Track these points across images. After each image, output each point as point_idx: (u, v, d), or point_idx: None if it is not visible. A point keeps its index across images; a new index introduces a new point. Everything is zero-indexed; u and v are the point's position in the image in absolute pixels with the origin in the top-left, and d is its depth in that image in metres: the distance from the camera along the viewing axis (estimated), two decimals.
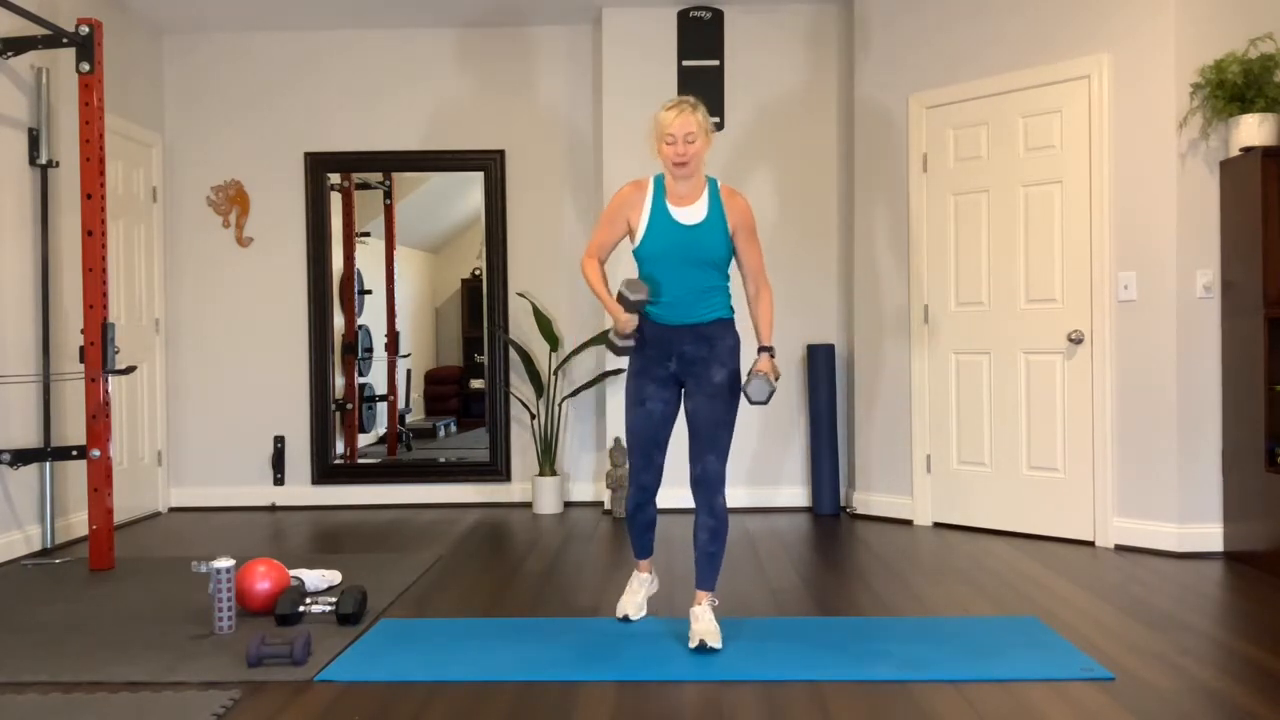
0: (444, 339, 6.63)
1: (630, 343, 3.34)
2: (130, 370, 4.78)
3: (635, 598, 3.60)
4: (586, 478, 6.30)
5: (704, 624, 3.25)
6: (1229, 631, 3.41)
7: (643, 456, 3.43)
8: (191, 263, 6.36)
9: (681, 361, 3.36)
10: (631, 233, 3.39)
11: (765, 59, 6.00)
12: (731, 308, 3.41)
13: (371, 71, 6.33)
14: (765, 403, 3.30)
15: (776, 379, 3.34)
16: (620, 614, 3.58)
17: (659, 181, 3.37)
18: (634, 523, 3.55)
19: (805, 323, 6.00)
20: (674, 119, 3.23)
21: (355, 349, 6.48)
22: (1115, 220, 4.75)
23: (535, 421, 6.15)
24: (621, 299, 3.25)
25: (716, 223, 3.31)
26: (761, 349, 3.37)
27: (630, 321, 3.29)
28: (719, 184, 3.38)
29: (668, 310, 3.34)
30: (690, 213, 3.31)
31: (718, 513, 3.30)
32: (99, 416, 4.55)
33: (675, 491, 5.51)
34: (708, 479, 3.28)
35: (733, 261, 3.40)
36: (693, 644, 3.20)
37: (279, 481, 6.33)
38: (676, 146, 3.23)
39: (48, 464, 4.98)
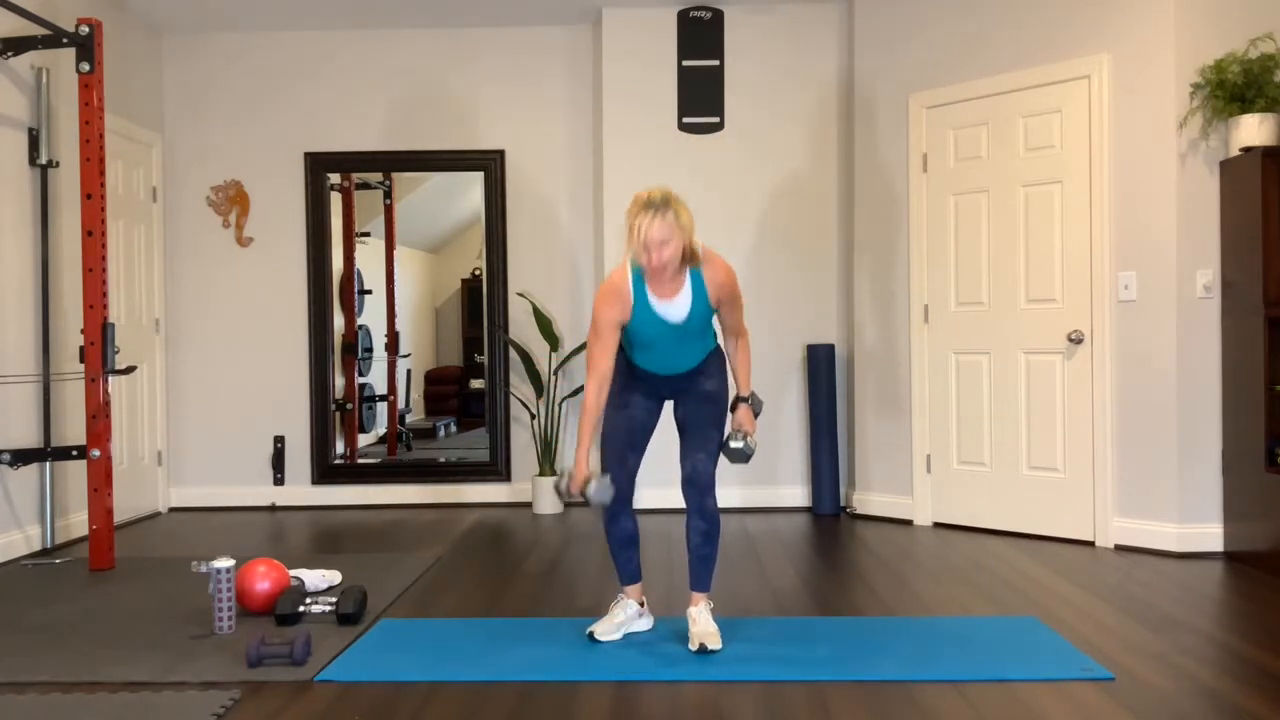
0: (444, 339, 6.63)
1: (578, 499, 3.24)
2: (130, 370, 4.78)
3: (613, 620, 3.37)
4: None
5: (702, 626, 3.25)
6: (1229, 631, 3.41)
7: (616, 456, 3.31)
8: (191, 263, 6.36)
9: (671, 387, 3.37)
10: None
11: (765, 59, 6.00)
12: (715, 337, 3.38)
13: (371, 71, 6.33)
14: (744, 463, 3.22)
15: (752, 433, 3.27)
16: (587, 631, 3.37)
17: (637, 276, 3.20)
18: (610, 538, 3.37)
19: (805, 323, 6.00)
20: (647, 224, 2.99)
21: (355, 349, 6.48)
22: (1115, 220, 4.75)
23: (535, 421, 6.15)
24: (583, 493, 3.18)
25: (701, 310, 3.21)
26: (739, 399, 3.29)
27: (583, 483, 3.18)
28: (701, 268, 3.18)
29: (659, 366, 3.31)
30: (674, 307, 3.19)
31: (708, 514, 3.28)
32: (99, 416, 4.55)
33: (672, 492, 5.49)
34: (698, 477, 3.27)
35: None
36: (693, 647, 3.20)
37: (279, 481, 6.33)
38: (650, 255, 3.04)
39: (48, 464, 4.98)
